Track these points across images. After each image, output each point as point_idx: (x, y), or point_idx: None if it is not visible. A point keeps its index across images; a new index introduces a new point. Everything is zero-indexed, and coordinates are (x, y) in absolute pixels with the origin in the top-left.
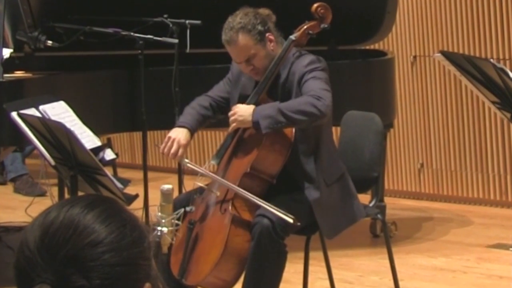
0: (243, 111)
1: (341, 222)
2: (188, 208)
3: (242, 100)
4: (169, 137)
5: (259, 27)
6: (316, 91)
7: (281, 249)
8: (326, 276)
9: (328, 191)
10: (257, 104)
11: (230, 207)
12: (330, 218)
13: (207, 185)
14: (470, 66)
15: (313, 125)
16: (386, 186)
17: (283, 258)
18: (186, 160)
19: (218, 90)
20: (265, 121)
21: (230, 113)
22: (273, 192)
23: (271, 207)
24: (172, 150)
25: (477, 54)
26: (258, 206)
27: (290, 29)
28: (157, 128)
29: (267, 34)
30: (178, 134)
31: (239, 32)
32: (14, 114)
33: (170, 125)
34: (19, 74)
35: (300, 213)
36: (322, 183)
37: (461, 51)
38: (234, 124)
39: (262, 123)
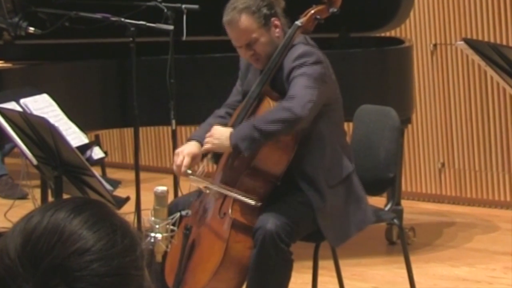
0: (219, 134)
1: (348, 229)
2: (184, 212)
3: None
4: (176, 153)
5: (265, 10)
6: (293, 91)
7: (286, 257)
8: (337, 287)
9: (332, 193)
10: (260, 97)
11: (230, 211)
12: (334, 223)
13: (205, 187)
14: (496, 55)
15: (297, 129)
16: (403, 188)
17: (289, 266)
18: (189, 171)
19: (233, 94)
20: (243, 143)
21: (207, 134)
22: (276, 193)
23: (232, 192)
24: (178, 162)
25: (504, 42)
26: (261, 210)
27: (297, 15)
28: (150, 124)
29: (272, 19)
30: (184, 147)
31: (242, 13)
32: None
33: (164, 121)
34: None
35: (306, 217)
36: (323, 185)
37: (486, 39)
38: (208, 146)
39: (241, 145)
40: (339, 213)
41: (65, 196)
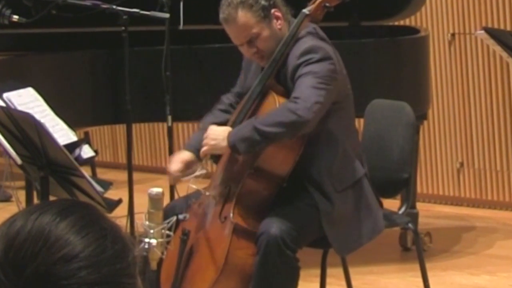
0: (216, 134)
1: (356, 237)
2: (181, 216)
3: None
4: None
5: (263, 2)
6: (298, 91)
7: (292, 264)
8: None
9: (339, 198)
10: (264, 91)
11: (231, 215)
12: (341, 231)
13: (204, 188)
14: None
15: (301, 133)
16: (418, 190)
17: (295, 274)
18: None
19: (239, 85)
20: (242, 145)
21: (204, 135)
22: (282, 195)
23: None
24: (170, 169)
25: None
26: (265, 213)
27: (304, 2)
28: (144, 120)
29: (272, 10)
30: (180, 153)
31: (238, 8)
32: None
33: (159, 117)
34: None
35: (314, 221)
36: (330, 190)
37: (508, 28)
38: (205, 148)
39: (239, 147)
40: (347, 220)
41: (51, 199)
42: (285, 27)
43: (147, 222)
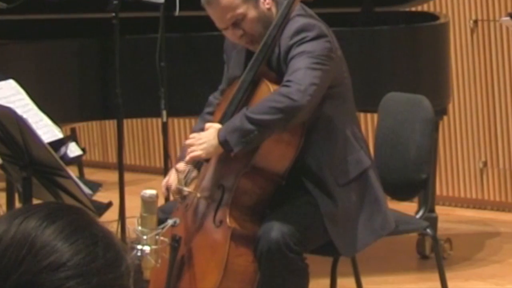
0: (204, 136)
1: (363, 235)
2: (171, 221)
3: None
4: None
5: None
6: (290, 74)
7: (298, 266)
8: None
9: (343, 193)
10: (256, 80)
11: (227, 219)
12: (346, 229)
13: (193, 189)
14: None
15: (297, 120)
16: (438, 192)
17: (304, 276)
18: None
19: (226, 81)
20: (233, 136)
21: (188, 141)
22: (281, 194)
23: None
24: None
25: None
26: (263, 215)
27: None
28: (136, 115)
29: None
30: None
31: None
32: None
33: (153, 112)
34: None
35: (319, 220)
36: (332, 184)
37: None
38: (195, 154)
39: (230, 139)
40: (353, 217)
41: (35, 202)
42: (274, 7)
43: (139, 227)
